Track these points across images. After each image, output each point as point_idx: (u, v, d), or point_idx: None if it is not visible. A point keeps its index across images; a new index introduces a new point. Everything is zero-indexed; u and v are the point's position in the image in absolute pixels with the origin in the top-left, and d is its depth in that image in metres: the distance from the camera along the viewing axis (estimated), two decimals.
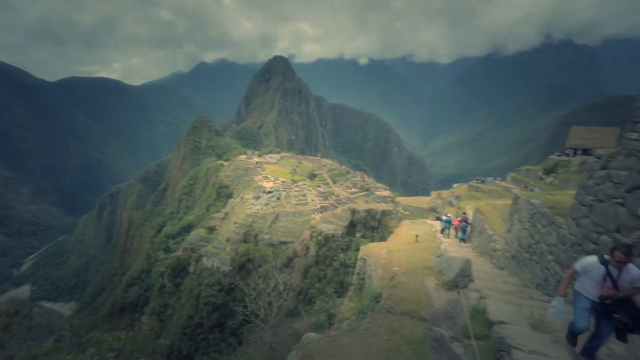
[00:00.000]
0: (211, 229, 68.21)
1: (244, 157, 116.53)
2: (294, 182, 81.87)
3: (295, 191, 70.86)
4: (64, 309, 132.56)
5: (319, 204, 63.40)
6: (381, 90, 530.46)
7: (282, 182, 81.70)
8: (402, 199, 50.74)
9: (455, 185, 43.78)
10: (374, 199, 75.17)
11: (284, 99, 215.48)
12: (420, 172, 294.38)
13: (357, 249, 18.50)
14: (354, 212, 44.53)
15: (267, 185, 79.71)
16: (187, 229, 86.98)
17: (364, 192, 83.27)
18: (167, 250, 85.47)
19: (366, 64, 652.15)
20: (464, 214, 23.25)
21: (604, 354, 5.62)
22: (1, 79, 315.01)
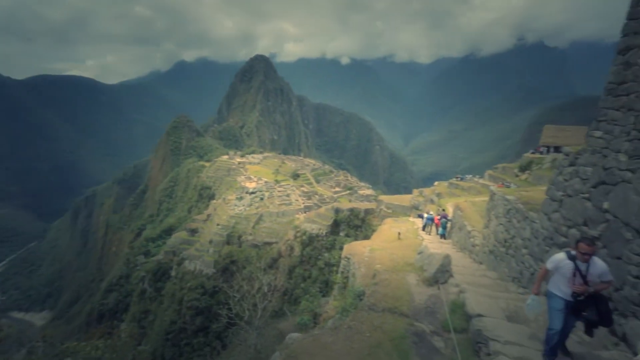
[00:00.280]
0: (193, 231, 66.89)
1: (226, 157, 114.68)
2: (277, 182, 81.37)
3: (278, 191, 70.48)
4: (36, 319, 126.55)
5: (303, 203, 63.35)
6: (363, 89, 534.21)
7: (265, 182, 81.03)
8: (384, 198, 51.55)
9: (436, 183, 44.93)
10: (357, 198, 75.77)
11: (266, 98, 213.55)
12: (402, 171, 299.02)
13: (342, 248, 18.62)
14: (337, 211, 44.81)
15: (250, 185, 78.85)
16: (168, 231, 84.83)
17: (348, 191, 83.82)
18: (147, 254, 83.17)
19: (348, 64, 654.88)
20: (444, 210, 23.91)
21: (573, 342, 5.92)
22: None
